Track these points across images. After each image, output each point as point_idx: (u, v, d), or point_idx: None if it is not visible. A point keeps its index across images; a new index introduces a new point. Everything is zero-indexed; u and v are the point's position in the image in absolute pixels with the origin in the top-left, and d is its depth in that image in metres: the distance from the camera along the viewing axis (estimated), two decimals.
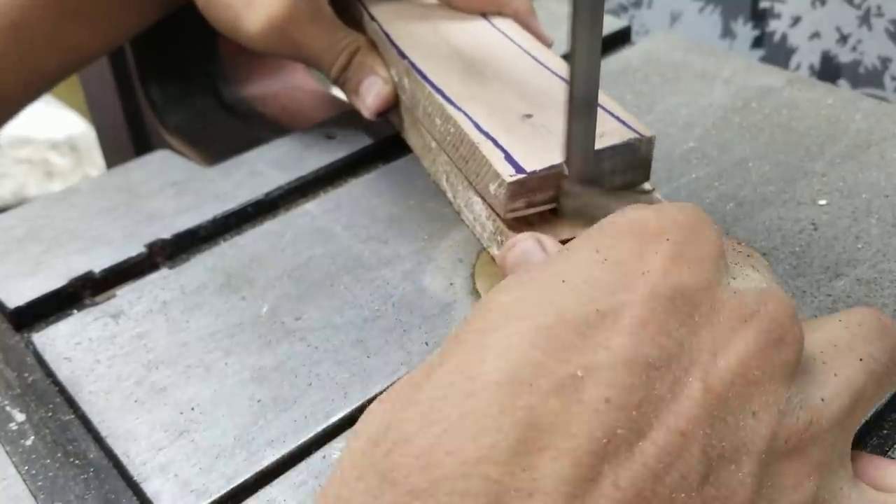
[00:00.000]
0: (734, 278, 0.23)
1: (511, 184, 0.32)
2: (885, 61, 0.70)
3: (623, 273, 0.21)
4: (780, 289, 0.23)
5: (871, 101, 0.48)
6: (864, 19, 0.70)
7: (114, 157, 0.72)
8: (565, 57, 0.52)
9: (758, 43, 0.78)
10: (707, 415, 0.20)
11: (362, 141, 0.45)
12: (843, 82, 0.74)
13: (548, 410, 0.19)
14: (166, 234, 0.39)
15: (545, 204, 0.34)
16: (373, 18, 0.44)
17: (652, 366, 0.20)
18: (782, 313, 0.22)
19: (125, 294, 0.36)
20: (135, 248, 0.38)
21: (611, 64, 0.53)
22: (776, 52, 0.77)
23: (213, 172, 0.44)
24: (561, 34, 0.56)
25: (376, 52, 0.43)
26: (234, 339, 0.34)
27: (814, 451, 0.22)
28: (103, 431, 0.30)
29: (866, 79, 0.72)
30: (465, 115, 0.36)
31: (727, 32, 0.80)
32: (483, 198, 0.35)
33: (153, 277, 0.37)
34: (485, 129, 0.35)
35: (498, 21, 0.45)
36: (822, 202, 0.40)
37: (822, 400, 0.22)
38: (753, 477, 0.20)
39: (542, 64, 0.41)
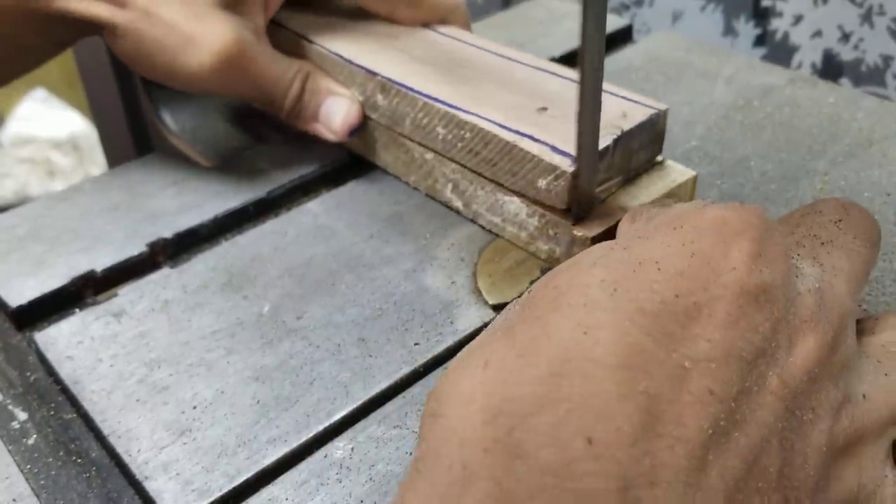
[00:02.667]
0: (797, 277, 0.24)
1: (574, 173, 0.33)
2: (887, 59, 0.70)
3: (711, 268, 0.22)
4: (835, 288, 0.24)
5: (873, 100, 0.48)
6: (866, 17, 0.70)
7: (115, 156, 0.72)
8: (564, 58, 0.53)
9: (759, 41, 0.78)
10: (784, 409, 0.21)
11: None
12: (844, 81, 0.73)
13: (663, 398, 0.19)
14: (168, 234, 0.39)
15: (598, 188, 0.35)
16: (313, 42, 0.43)
17: (744, 360, 0.21)
18: (837, 316, 0.23)
19: (127, 293, 0.37)
20: (136, 248, 0.38)
21: (613, 62, 0.53)
22: (778, 51, 0.77)
23: (215, 171, 0.44)
24: (561, 31, 0.56)
25: (327, 75, 0.42)
26: (236, 338, 0.34)
27: (862, 447, 0.23)
28: (105, 430, 0.30)
29: (868, 77, 0.72)
30: (482, 118, 0.36)
31: (729, 31, 0.79)
32: (523, 195, 0.35)
33: (155, 276, 0.37)
34: (513, 127, 0.35)
35: (444, 29, 0.44)
36: None
37: (867, 398, 0.23)
38: (816, 470, 0.21)
39: (515, 61, 0.41)
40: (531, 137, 0.35)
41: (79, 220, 0.41)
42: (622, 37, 0.56)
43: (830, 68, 0.74)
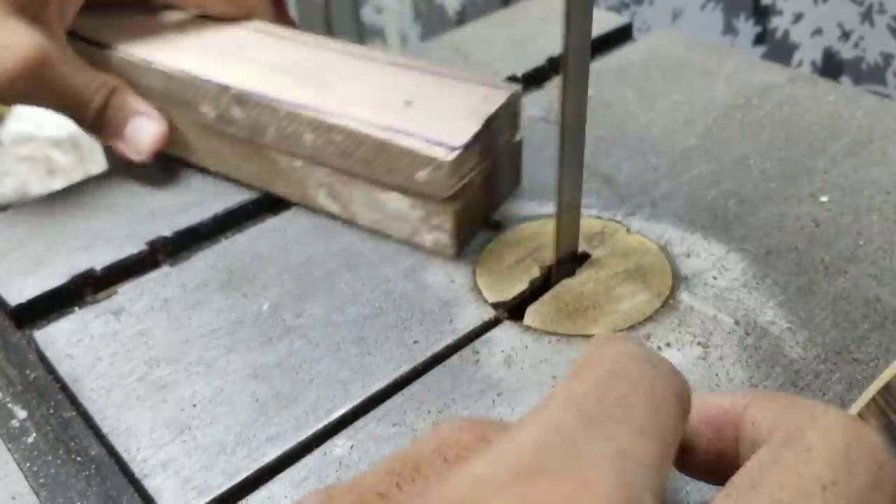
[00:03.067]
0: None
1: (452, 161, 0.34)
2: (888, 58, 0.70)
3: None
4: None
5: (873, 98, 0.48)
6: (867, 16, 0.70)
7: (115, 154, 0.71)
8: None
9: (759, 39, 0.78)
10: None
11: None
12: (845, 79, 0.73)
13: None
14: (167, 232, 0.39)
15: (472, 172, 0.36)
16: (113, 49, 0.42)
17: None
18: None
19: (126, 291, 0.37)
20: (136, 246, 0.38)
21: (612, 61, 0.53)
22: (778, 49, 0.76)
23: (215, 170, 0.43)
24: (560, 29, 0.56)
25: (134, 92, 0.41)
26: (236, 337, 0.34)
27: None
28: (105, 428, 0.30)
29: (868, 75, 0.72)
30: (352, 118, 0.36)
31: (729, 29, 0.79)
32: (403, 189, 0.36)
33: (154, 275, 0.37)
34: (384, 124, 0.36)
35: (254, 25, 0.45)
36: (824, 199, 0.40)
37: None
38: None
39: (366, 58, 0.41)
40: (404, 132, 0.35)
41: (78, 218, 0.41)
42: (622, 35, 0.56)
43: (830, 66, 0.74)
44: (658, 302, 0.35)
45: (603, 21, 0.56)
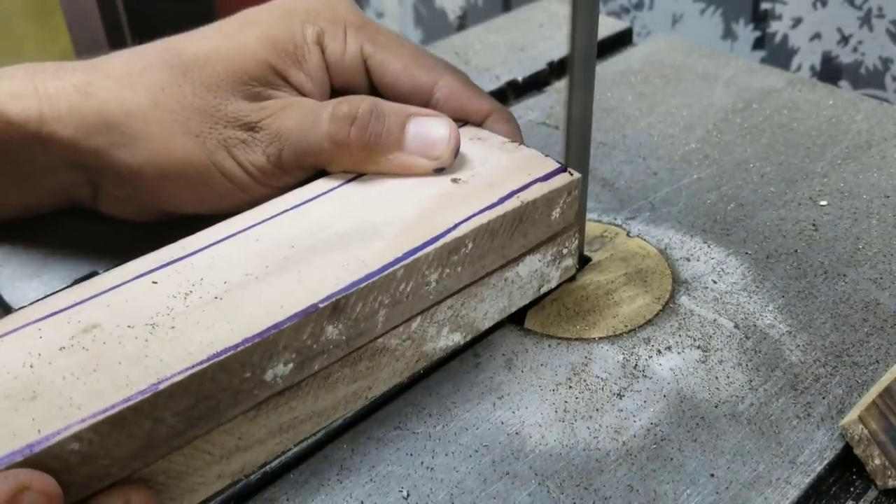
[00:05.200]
0: None
1: (579, 178, 0.33)
2: (887, 62, 0.70)
3: None
4: None
5: (872, 102, 0.48)
6: (865, 20, 0.70)
7: None
8: (564, 61, 0.53)
9: (759, 44, 0.78)
10: None
11: None
12: (844, 83, 0.74)
13: None
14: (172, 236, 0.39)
15: None
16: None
17: None
18: None
19: None
20: (142, 252, 0.38)
21: (612, 65, 0.53)
22: (777, 54, 0.77)
23: None
24: (561, 35, 0.56)
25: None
26: None
27: None
28: None
29: (867, 80, 0.72)
30: (465, 221, 0.31)
31: (728, 34, 0.80)
32: (533, 248, 0.33)
33: None
34: (497, 199, 0.32)
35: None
36: (823, 203, 0.40)
37: None
38: None
39: (357, 188, 0.33)
40: (512, 193, 0.32)
41: (82, 221, 0.41)
42: (622, 40, 0.57)
43: (829, 71, 0.74)
44: (658, 305, 0.35)
45: (603, 26, 0.56)
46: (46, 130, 0.34)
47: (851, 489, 0.29)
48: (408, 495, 0.28)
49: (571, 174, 0.33)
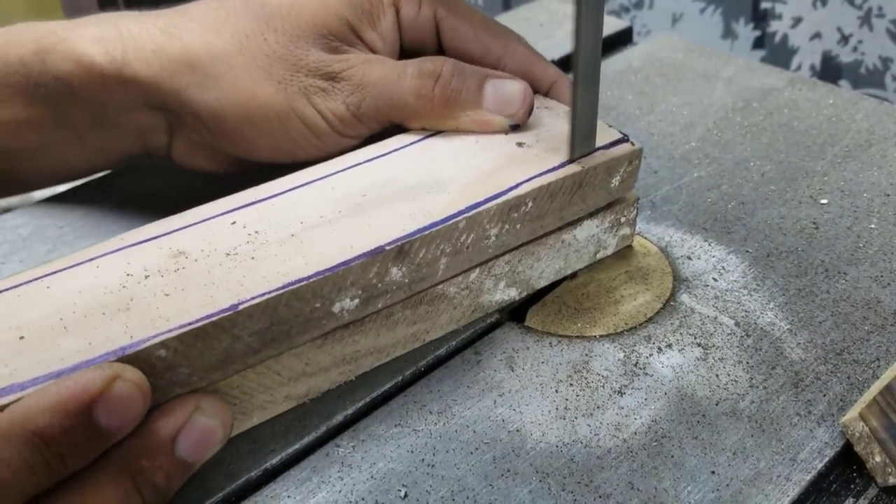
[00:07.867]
0: None
1: (641, 148, 0.34)
2: (886, 61, 0.70)
3: None
4: None
5: (872, 102, 0.48)
6: (865, 20, 0.70)
7: None
8: (565, 60, 0.53)
9: (759, 43, 0.78)
10: None
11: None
12: (844, 82, 0.74)
13: None
14: None
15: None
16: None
17: None
18: None
19: None
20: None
21: (612, 64, 0.53)
22: (777, 53, 0.77)
23: (221, 172, 0.44)
24: (562, 33, 0.56)
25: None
26: None
27: None
28: None
29: (867, 79, 0.72)
30: (528, 181, 0.32)
31: (728, 33, 0.80)
32: (593, 212, 0.34)
33: None
34: (558, 163, 0.33)
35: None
36: (823, 201, 0.41)
37: None
38: None
39: (422, 145, 0.35)
40: (575, 160, 0.33)
41: (83, 219, 0.41)
42: (622, 39, 0.57)
43: (829, 70, 0.74)
44: (659, 303, 0.35)
45: (604, 25, 0.56)
46: (129, 71, 0.35)
47: (852, 486, 0.29)
48: (408, 493, 0.28)
49: (633, 144, 0.34)
